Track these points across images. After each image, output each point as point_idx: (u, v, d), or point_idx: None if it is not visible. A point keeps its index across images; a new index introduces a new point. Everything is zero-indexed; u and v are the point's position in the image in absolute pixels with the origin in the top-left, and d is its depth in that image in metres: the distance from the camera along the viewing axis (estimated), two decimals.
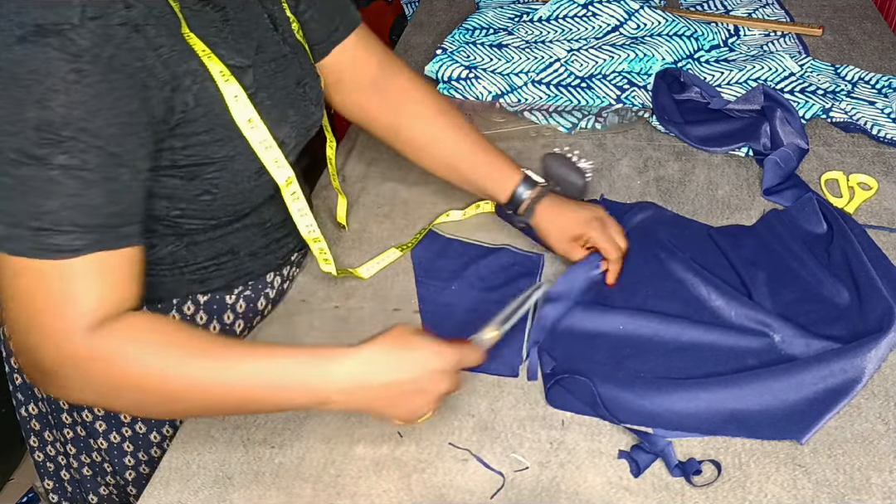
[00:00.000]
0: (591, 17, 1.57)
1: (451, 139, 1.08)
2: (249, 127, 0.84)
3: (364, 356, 0.77)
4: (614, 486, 0.82)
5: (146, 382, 0.74)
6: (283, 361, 0.76)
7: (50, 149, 0.69)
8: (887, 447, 0.85)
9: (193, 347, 0.75)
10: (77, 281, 0.72)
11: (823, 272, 1.04)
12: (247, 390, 0.76)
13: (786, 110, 1.30)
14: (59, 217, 0.70)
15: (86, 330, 0.72)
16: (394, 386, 0.77)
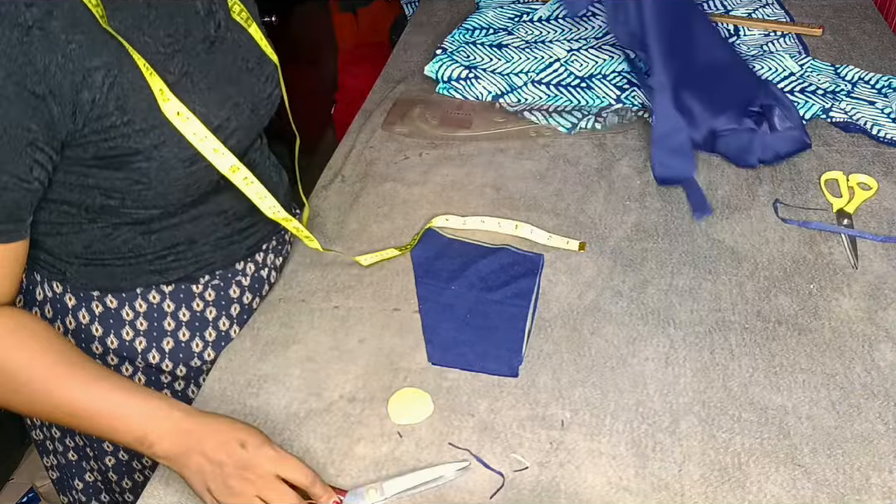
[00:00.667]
0: (591, 17, 1.57)
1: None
2: (180, 120, 0.83)
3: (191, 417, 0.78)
4: (614, 486, 0.82)
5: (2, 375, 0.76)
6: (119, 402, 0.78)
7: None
8: (887, 447, 0.85)
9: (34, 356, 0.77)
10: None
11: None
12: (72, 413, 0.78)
13: (784, 108, 1.30)
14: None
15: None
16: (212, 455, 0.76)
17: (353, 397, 0.92)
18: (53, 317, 0.97)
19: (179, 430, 0.77)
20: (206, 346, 1.01)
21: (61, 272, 0.94)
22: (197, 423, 0.78)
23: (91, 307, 0.96)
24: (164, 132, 0.83)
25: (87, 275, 0.93)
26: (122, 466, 1.06)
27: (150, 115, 0.82)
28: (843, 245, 1.12)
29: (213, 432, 0.77)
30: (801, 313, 1.02)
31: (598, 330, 1.00)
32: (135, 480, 1.08)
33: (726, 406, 0.90)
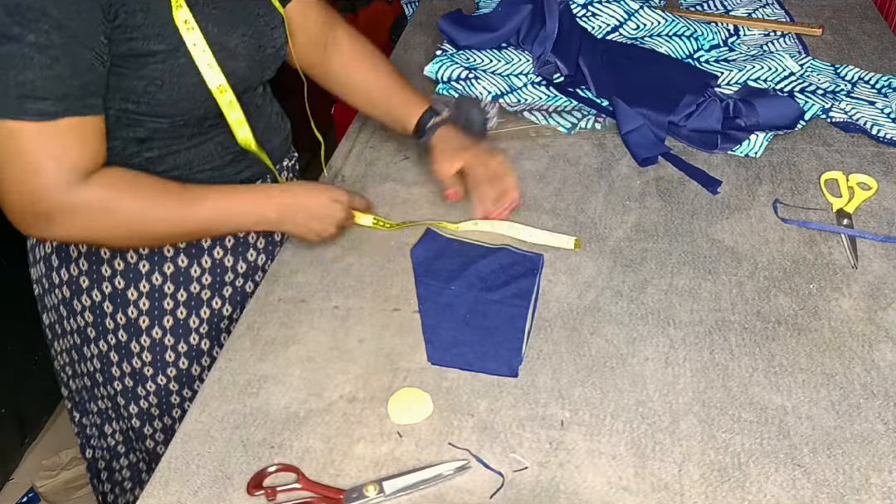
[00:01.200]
0: (591, 17, 1.57)
1: (371, 79, 1.24)
2: (185, 28, 0.95)
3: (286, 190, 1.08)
4: (614, 486, 0.82)
5: (136, 224, 0.95)
6: (233, 198, 1.01)
7: (20, 28, 0.83)
8: (887, 447, 0.85)
9: (168, 195, 0.97)
10: (56, 141, 0.88)
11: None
12: (206, 224, 1.01)
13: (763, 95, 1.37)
14: (35, 87, 0.85)
15: (70, 183, 0.89)
16: (305, 208, 1.06)
17: (353, 397, 0.92)
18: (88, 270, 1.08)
19: (284, 205, 1.05)
20: (203, 273, 1.11)
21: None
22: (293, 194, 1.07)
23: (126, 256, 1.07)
24: (179, 39, 0.94)
25: None
26: (144, 415, 1.16)
27: (168, 21, 0.93)
28: (842, 245, 1.12)
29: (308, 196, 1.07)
30: (800, 313, 1.02)
31: (598, 330, 1.00)
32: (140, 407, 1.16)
33: (726, 406, 0.90)
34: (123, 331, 1.10)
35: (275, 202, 1.04)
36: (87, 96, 0.89)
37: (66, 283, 1.08)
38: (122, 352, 1.11)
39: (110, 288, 1.07)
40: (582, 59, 1.47)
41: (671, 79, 1.44)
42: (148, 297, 1.08)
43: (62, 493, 1.88)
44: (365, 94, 1.25)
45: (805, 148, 1.32)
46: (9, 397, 1.91)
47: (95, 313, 1.09)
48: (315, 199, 1.07)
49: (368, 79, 1.24)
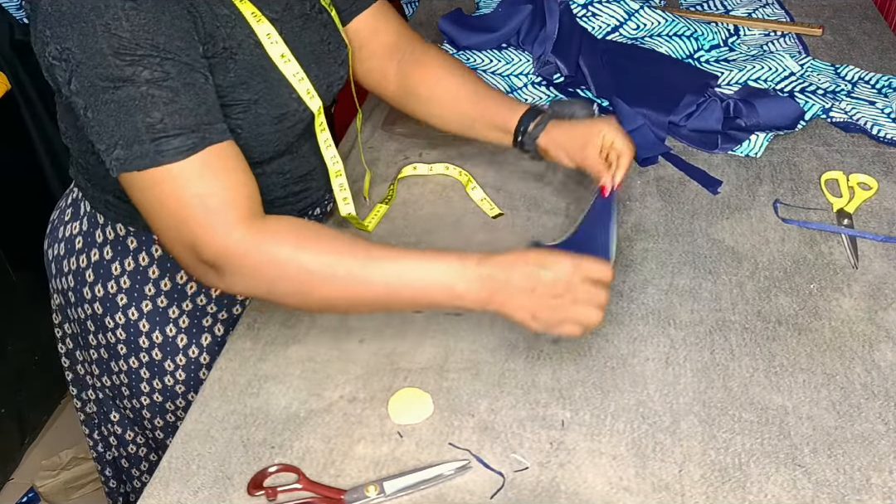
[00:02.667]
0: (592, 17, 1.57)
1: (454, 88, 1.13)
2: (283, 61, 0.92)
3: (487, 259, 0.84)
4: (614, 486, 0.82)
5: (300, 282, 0.83)
6: (421, 261, 0.84)
7: (133, 68, 0.78)
8: (887, 447, 0.85)
9: (340, 251, 0.83)
10: (204, 177, 0.80)
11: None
12: (388, 289, 0.84)
13: (763, 96, 1.36)
14: (165, 125, 0.79)
15: (235, 223, 0.81)
16: (508, 283, 0.83)
17: (353, 397, 0.92)
18: (113, 258, 1.03)
19: (481, 277, 0.83)
20: (249, 297, 1.06)
21: (129, 214, 1.00)
22: (493, 265, 0.83)
23: (151, 250, 1.03)
24: (262, 88, 0.91)
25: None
26: (155, 407, 1.12)
27: (253, 70, 0.90)
28: (843, 245, 1.12)
29: (512, 268, 0.83)
30: (801, 313, 1.02)
31: (599, 330, 1.00)
32: (166, 420, 1.14)
33: (726, 406, 0.90)
34: (158, 349, 1.07)
35: (469, 274, 0.83)
36: (216, 122, 0.83)
37: (101, 299, 1.05)
38: (154, 369, 1.08)
39: (151, 306, 1.04)
40: (582, 59, 1.47)
41: (671, 79, 1.44)
42: (189, 315, 1.06)
43: (62, 493, 1.88)
44: (455, 106, 1.13)
45: (805, 148, 1.32)
46: (9, 397, 1.91)
47: (129, 331, 1.06)
48: (522, 277, 0.83)
49: (459, 90, 1.12)
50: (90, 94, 0.78)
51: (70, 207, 1.07)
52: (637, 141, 1.31)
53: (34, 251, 1.32)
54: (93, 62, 0.77)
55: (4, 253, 1.84)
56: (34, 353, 1.95)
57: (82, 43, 0.77)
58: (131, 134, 0.78)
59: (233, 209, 0.81)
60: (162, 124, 0.79)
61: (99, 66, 0.77)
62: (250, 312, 1.04)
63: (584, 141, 1.04)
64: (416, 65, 1.13)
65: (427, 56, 1.14)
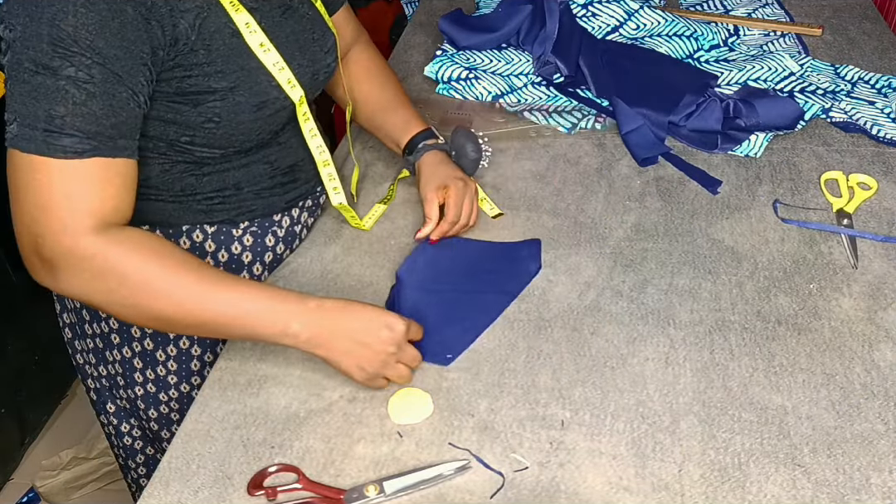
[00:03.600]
0: (591, 18, 1.57)
1: (375, 97, 1.22)
2: (262, 50, 0.94)
3: (326, 303, 0.89)
4: (614, 486, 0.82)
5: (139, 293, 0.84)
6: (262, 296, 0.87)
7: (61, 61, 0.80)
8: (887, 447, 0.85)
9: (186, 270, 0.86)
10: (79, 181, 0.82)
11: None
12: (224, 317, 0.87)
13: (763, 96, 1.36)
14: (65, 122, 0.81)
15: (88, 229, 0.82)
16: (346, 331, 0.88)
17: (353, 397, 0.92)
18: None
19: (320, 321, 0.88)
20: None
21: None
22: (333, 312, 0.89)
23: None
24: (240, 76, 0.93)
25: (139, 209, 0.98)
26: (149, 397, 1.13)
27: (229, 58, 0.92)
28: (843, 245, 1.12)
29: (352, 319, 0.89)
30: (801, 313, 1.02)
31: (598, 330, 1.00)
32: (160, 412, 1.15)
33: (726, 406, 0.90)
34: (150, 339, 1.08)
35: (307, 314, 0.87)
36: (119, 137, 0.85)
37: None
38: (147, 359, 1.09)
39: None
40: (582, 59, 1.47)
41: (671, 79, 1.44)
42: None
43: (62, 493, 1.88)
44: (364, 108, 1.22)
45: (805, 148, 1.32)
46: (9, 397, 1.91)
47: (121, 320, 1.07)
48: (362, 331, 0.88)
49: (373, 91, 1.22)
50: (14, 69, 0.82)
51: None
52: (637, 141, 1.32)
53: None
54: (29, 43, 0.81)
55: (4, 253, 1.84)
56: (34, 353, 1.95)
57: (26, 24, 0.81)
58: (31, 117, 0.81)
59: (95, 217, 0.83)
60: (61, 120, 0.81)
61: (32, 48, 0.81)
62: None
63: (433, 185, 1.12)
64: (349, 61, 1.22)
65: (362, 55, 1.23)
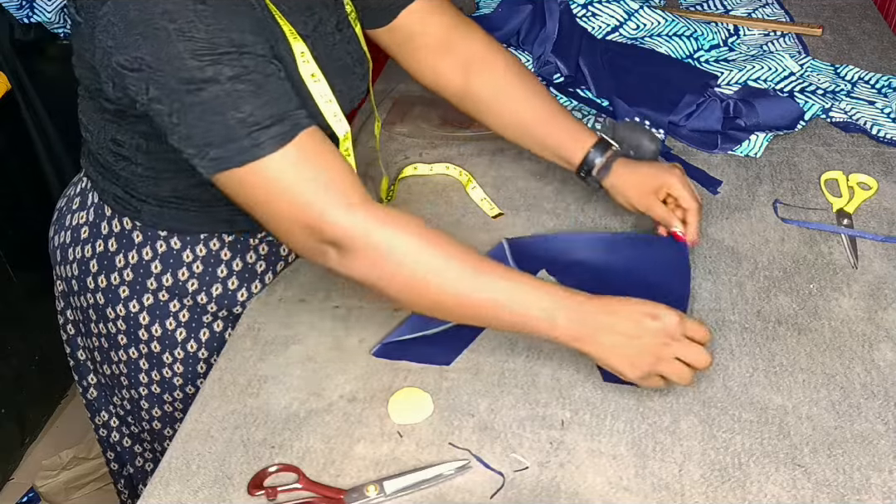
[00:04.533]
0: (591, 17, 1.57)
1: (522, 99, 1.09)
2: (313, 81, 0.90)
3: (592, 298, 0.86)
4: (614, 486, 0.82)
5: (411, 281, 0.84)
6: (532, 286, 0.85)
7: (214, 67, 0.77)
8: (887, 447, 0.85)
9: (456, 259, 0.85)
10: (310, 159, 0.81)
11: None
12: (494, 304, 0.85)
13: (763, 96, 1.36)
14: (256, 117, 0.79)
15: (358, 201, 0.82)
16: (611, 325, 0.84)
17: (353, 397, 0.92)
18: (117, 250, 1.04)
19: (584, 314, 0.85)
20: (249, 297, 1.08)
21: (135, 210, 1.00)
22: (600, 306, 0.85)
23: (155, 246, 1.03)
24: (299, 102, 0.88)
25: (160, 215, 0.98)
26: (153, 398, 1.13)
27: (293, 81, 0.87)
28: (843, 245, 1.12)
29: (618, 313, 0.85)
30: (801, 313, 1.02)
31: None
32: (164, 411, 1.15)
33: (726, 406, 0.90)
34: (157, 342, 1.07)
35: (574, 309, 0.84)
36: (299, 108, 0.83)
37: (103, 289, 1.05)
38: (153, 361, 1.09)
39: (152, 300, 1.05)
40: (582, 59, 1.47)
41: (671, 79, 1.44)
42: (189, 311, 1.06)
43: (62, 493, 1.88)
44: (515, 119, 1.10)
45: (805, 148, 1.32)
46: (9, 397, 1.91)
47: (129, 323, 1.07)
48: (630, 322, 0.84)
49: (522, 104, 1.09)
50: (173, 99, 0.78)
51: (78, 197, 1.08)
52: None
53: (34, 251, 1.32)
54: (171, 67, 0.76)
55: (4, 253, 1.84)
56: (34, 353, 1.95)
57: (157, 49, 0.76)
58: (225, 132, 0.78)
59: (350, 189, 0.82)
60: (253, 117, 0.79)
61: (179, 69, 0.76)
62: (250, 312, 1.04)
63: (649, 190, 1.05)
64: (481, 65, 1.09)
65: (493, 57, 1.09)
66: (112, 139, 0.95)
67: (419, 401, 0.91)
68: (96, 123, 0.97)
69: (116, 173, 0.99)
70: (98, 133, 0.98)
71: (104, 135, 0.96)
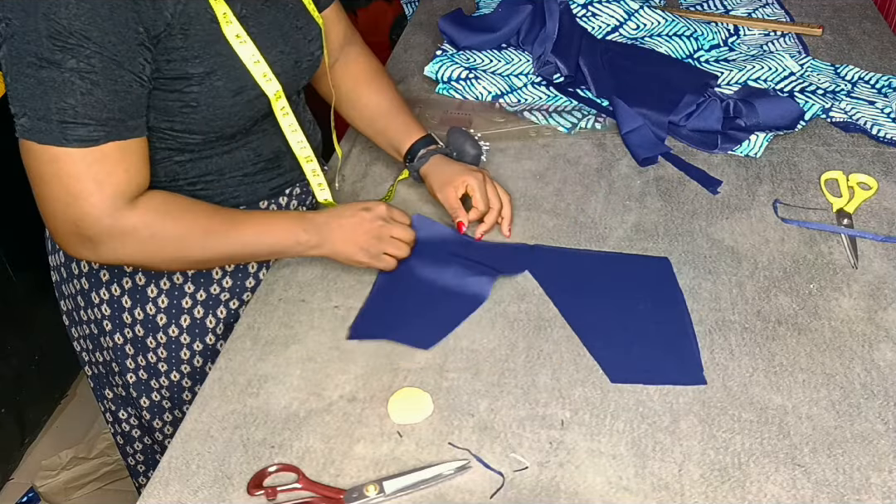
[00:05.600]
0: (591, 17, 1.57)
1: (373, 101, 1.23)
2: (238, 42, 0.96)
3: (319, 213, 1.03)
4: (614, 486, 0.82)
5: (170, 249, 0.95)
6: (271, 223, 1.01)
7: (62, 54, 0.83)
8: (887, 447, 0.85)
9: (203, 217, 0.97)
10: (99, 166, 0.88)
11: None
12: (244, 245, 1.00)
13: (763, 96, 1.36)
14: (76, 112, 0.85)
15: (122, 206, 0.90)
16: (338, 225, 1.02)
17: (353, 397, 0.92)
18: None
19: (317, 224, 1.02)
20: (224, 275, 1.11)
21: None
22: (326, 214, 1.03)
23: None
24: (217, 62, 0.95)
25: None
26: (141, 385, 1.16)
27: (207, 44, 0.93)
28: (843, 245, 1.12)
29: (340, 213, 1.03)
30: (801, 313, 1.02)
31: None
32: (152, 400, 1.17)
33: (726, 406, 0.90)
34: (140, 326, 1.10)
35: (308, 223, 1.01)
36: (128, 119, 0.90)
37: (87, 274, 1.09)
38: (138, 346, 1.12)
39: (130, 283, 1.08)
40: (582, 59, 1.47)
41: (671, 79, 1.44)
42: (167, 294, 1.09)
43: (62, 493, 1.89)
44: (364, 113, 1.23)
45: (805, 148, 1.32)
46: (9, 397, 1.91)
47: (113, 307, 1.09)
48: (349, 217, 1.03)
49: (372, 97, 1.23)
50: (15, 63, 0.85)
51: None
52: (637, 141, 1.32)
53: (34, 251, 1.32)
54: (28, 38, 0.83)
55: (4, 253, 1.84)
56: (34, 353, 1.96)
57: (23, 19, 0.83)
58: (42, 110, 0.85)
59: (125, 195, 0.90)
60: (73, 111, 0.85)
61: (31, 42, 0.83)
62: (250, 312, 1.04)
63: (447, 182, 1.14)
64: (346, 64, 1.22)
65: (359, 59, 1.24)
66: None
67: (419, 401, 0.91)
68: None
69: None
70: None
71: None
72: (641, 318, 1.01)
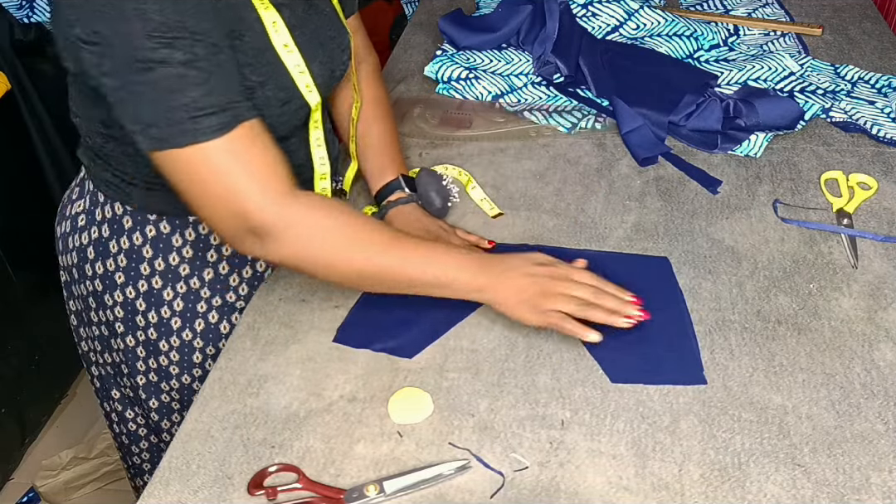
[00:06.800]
0: (591, 17, 1.57)
1: (361, 129, 1.18)
2: (286, 51, 0.94)
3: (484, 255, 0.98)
4: (614, 485, 0.82)
5: (332, 252, 0.90)
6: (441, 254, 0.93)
7: (167, 50, 0.79)
8: (887, 447, 0.85)
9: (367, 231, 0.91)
10: (241, 153, 0.84)
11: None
12: (406, 260, 0.92)
13: (763, 96, 1.36)
14: (200, 104, 0.81)
15: (275, 194, 0.86)
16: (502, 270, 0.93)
17: (353, 397, 0.92)
18: (110, 236, 1.06)
19: (484, 265, 0.93)
20: (241, 282, 1.10)
21: (126, 194, 1.02)
22: (496, 258, 0.96)
23: (145, 230, 1.04)
24: (267, 71, 0.93)
25: (149, 198, 1.00)
26: (151, 387, 1.15)
27: (259, 52, 0.92)
28: (843, 245, 1.12)
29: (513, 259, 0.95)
30: (801, 313, 1.02)
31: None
32: (161, 401, 1.16)
33: (726, 406, 0.90)
34: (154, 329, 1.09)
35: (474, 256, 0.95)
36: (243, 100, 0.86)
37: (101, 276, 1.08)
38: (150, 349, 1.11)
39: (146, 286, 1.07)
40: (582, 59, 1.47)
41: (671, 79, 1.44)
42: (183, 298, 1.08)
43: (62, 493, 1.89)
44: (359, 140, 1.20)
45: (805, 148, 1.32)
46: (9, 397, 1.91)
47: (127, 309, 1.09)
48: (515, 260, 0.95)
49: (360, 127, 1.18)
50: (124, 74, 0.80)
51: (77, 186, 1.10)
52: (637, 141, 1.32)
53: (34, 251, 1.32)
54: (127, 44, 0.79)
55: (4, 253, 1.84)
56: (34, 353, 1.96)
57: (114, 26, 0.78)
58: (169, 114, 0.81)
59: (277, 180, 0.86)
60: (197, 103, 0.81)
61: (133, 48, 0.79)
62: (250, 312, 1.04)
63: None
64: (348, 81, 1.17)
65: (367, 79, 1.20)
66: (100, 120, 0.96)
67: (419, 401, 0.91)
68: (84, 106, 0.98)
69: (106, 155, 1.00)
70: (86, 116, 0.99)
71: (92, 117, 0.97)
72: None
